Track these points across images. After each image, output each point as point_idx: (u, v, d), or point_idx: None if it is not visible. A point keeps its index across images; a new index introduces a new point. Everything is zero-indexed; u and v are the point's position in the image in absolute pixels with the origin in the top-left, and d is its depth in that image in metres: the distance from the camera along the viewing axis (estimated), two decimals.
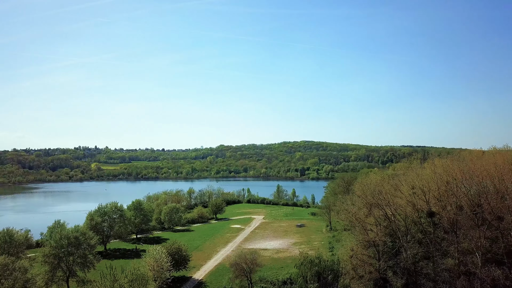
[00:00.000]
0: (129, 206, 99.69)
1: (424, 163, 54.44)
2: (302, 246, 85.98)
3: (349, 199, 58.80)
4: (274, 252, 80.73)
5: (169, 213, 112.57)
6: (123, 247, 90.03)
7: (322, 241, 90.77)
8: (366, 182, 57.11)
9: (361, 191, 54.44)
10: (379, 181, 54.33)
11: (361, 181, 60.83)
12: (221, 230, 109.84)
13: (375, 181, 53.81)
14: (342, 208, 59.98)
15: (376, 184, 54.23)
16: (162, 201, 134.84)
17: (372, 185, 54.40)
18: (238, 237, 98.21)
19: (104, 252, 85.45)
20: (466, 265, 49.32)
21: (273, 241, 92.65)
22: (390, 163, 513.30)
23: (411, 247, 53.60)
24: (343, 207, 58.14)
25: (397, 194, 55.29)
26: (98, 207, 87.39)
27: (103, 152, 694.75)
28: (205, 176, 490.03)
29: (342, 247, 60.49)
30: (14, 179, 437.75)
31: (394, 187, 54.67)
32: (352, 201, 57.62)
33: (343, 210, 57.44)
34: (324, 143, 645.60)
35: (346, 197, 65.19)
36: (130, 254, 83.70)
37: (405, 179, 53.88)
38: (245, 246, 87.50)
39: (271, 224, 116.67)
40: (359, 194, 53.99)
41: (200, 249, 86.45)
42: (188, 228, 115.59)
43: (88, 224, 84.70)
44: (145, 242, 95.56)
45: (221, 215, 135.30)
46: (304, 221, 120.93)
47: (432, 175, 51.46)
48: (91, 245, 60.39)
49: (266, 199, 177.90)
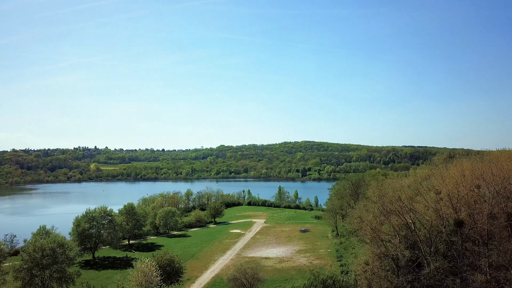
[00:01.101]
0: (120, 210, 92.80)
1: (449, 165, 47.44)
2: (307, 254, 79.15)
3: (362, 205, 51.88)
4: (277, 262, 73.84)
5: (164, 217, 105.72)
6: (113, 255, 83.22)
7: (329, 248, 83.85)
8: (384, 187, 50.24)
9: (378, 197, 47.51)
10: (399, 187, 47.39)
11: (376, 185, 53.86)
12: (219, 235, 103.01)
13: (395, 187, 46.87)
14: (354, 215, 53.08)
15: (395, 189, 47.38)
16: (158, 204, 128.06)
17: (391, 190, 47.52)
18: (238, 244, 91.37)
19: (92, 261, 78.68)
20: (499, 281, 42.96)
21: (276, 248, 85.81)
22: (392, 163, 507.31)
23: (434, 260, 46.86)
24: (355, 214, 51.21)
25: (419, 200, 48.48)
26: (85, 212, 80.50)
27: (103, 152, 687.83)
28: (205, 177, 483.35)
29: (355, 259, 53.57)
30: (12, 180, 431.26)
31: (415, 191, 47.76)
32: (366, 207, 50.73)
33: (355, 217, 50.53)
34: (325, 143, 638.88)
35: (359, 202, 58.27)
36: (120, 263, 76.93)
37: (429, 183, 47.01)
38: (245, 254, 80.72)
39: (273, 229, 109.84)
40: (375, 200, 47.07)
41: (196, 258, 79.59)
42: (185, 233, 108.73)
43: (75, 230, 77.89)
44: (137, 249, 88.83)
45: (220, 218, 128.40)
46: (308, 225, 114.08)
47: (460, 178, 44.61)
48: (69, 257, 53.33)
49: (268, 201, 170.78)
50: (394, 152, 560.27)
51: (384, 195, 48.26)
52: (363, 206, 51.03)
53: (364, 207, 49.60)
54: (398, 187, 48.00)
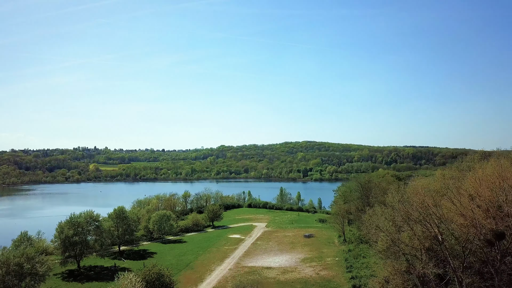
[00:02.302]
0: (110, 214, 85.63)
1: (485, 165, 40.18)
2: (313, 263, 71.93)
3: (379, 211, 44.60)
4: (280, 272, 66.61)
5: (158, 221, 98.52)
6: (101, 264, 75.98)
7: (337, 256, 76.62)
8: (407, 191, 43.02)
9: (399, 202, 40.30)
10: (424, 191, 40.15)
11: (397, 189, 46.59)
12: (217, 241, 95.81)
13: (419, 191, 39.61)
14: (370, 223, 45.83)
15: (419, 193, 40.15)
16: (152, 207, 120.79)
17: (415, 195, 40.28)
18: (237, 251, 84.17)
19: (76, 271, 71.53)
20: None
21: (278, 256, 78.60)
22: (394, 163, 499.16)
23: (467, 277, 39.70)
24: (373, 223, 43.94)
25: (448, 206, 41.24)
26: (70, 217, 73.30)
27: (103, 152, 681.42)
28: (205, 177, 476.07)
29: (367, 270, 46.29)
30: (9, 181, 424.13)
31: (443, 197, 40.59)
32: (385, 215, 43.50)
33: (373, 226, 43.28)
34: (326, 143, 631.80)
35: (373, 207, 51.00)
36: (107, 273, 69.67)
37: (460, 186, 39.81)
38: (245, 264, 73.52)
39: (275, 234, 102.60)
40: (397, 206, 39.85)
41: (191, 267, 72.38)
42: (181, 238, 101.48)
43: (57, 237, 70.76)
44: (128, 257, 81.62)
45: (219, 222, 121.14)
46: (312, 230, 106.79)
47: (499, 181, 37.43)
48: (39, 274, 46.07)
49: (269, 203, 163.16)
50: (396, 152, 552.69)
51: (406, 201, 41.00)
52: (381, 213, 43.72)
53: (382, 215, 42.35)
54: (423, 191, 40.72)
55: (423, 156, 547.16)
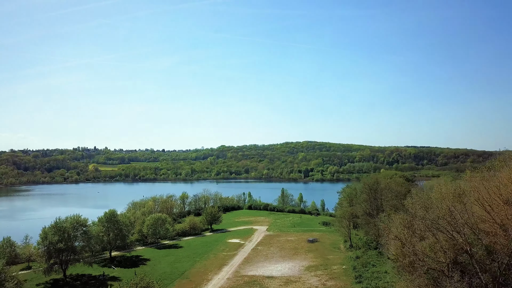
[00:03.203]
0: (100, 218, 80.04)
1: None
2: (318, 272, 66.31)
3: (399, 220, 38.90)
4: (283, 283, 60.99)
5: (152, 225, 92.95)
6: (89, 272, 70.33)
7: (343, 264, 70.98)
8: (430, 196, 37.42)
9: (422, 209, 34.69)
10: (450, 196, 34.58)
11: (418, 194, 40.91)
12: (215, 246, 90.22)
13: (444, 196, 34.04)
14: (387, 232, 40.18)
15: (444, 199, 34.64)
16: (148, 209, 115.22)
17: (439, 201, 34.73)
18: (236, 257, 78.55)
19: (61, 280, 65.93)
20: None
21: (280, 263, 72.99)
22: (396, 164, 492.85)
23: None
24: (390, 233, 38.29)
25: (476, 212, 35.75)
26: (55, 222, 67.71)
27: (102, 153, 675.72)
28: (205, 178, 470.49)
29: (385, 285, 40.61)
30: (7, 181, 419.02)
31: (471, 203, 35.02)
32: (405, 223, 37.86)
33: (392, 237, 37.61)
34: (327, 144, 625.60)
35: (392, 216, 45.29)
36: (95, 283, 64.18)
37: (489, 190, 34.25)
38: (244, 272, 67.91)
39: (277, 238, 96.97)
40: (421, 214, 34.24)
41: (186, 276, 66.78)
42: (177, 243, 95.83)
43: (41, 244, 65.24)
44: (119, 264, 76.05)
45: (217, 225, 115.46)
46: (316, 234, 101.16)
47: None
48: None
49: (270, 205, 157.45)
50: (397, 152, 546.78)
51: (430, 207, 35.42)
52: (400, 222, 38.00)
53: (405, 224, 36.65)
54: (448, 196, 35.17)
55: (425, 156, 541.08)
